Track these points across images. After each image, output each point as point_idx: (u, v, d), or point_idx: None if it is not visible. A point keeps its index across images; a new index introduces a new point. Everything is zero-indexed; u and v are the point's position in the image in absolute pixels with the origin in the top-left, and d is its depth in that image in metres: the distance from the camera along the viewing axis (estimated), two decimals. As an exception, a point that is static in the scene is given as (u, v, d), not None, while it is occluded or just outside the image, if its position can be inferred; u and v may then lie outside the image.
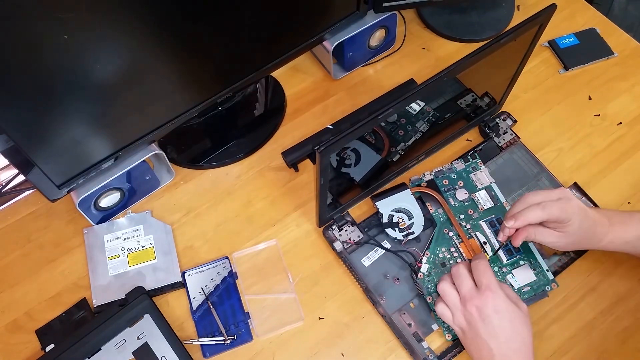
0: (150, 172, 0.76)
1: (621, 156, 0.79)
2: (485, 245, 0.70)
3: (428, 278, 0.68)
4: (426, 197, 0.74)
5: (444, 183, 0.74)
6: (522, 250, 0.69)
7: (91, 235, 0.74)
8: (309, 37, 0.78)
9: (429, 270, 0.69)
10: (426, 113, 0.79)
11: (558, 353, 0.66)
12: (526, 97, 0.85)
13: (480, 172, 0.74)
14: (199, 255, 0.73)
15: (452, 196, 0.73)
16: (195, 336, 0.68)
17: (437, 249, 0.70)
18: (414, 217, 0.72)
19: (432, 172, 0.75)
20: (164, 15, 0.59)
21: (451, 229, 0.71)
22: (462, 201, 0.73)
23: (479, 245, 0.70)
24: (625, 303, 0.68)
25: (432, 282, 0.68)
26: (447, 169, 0.75)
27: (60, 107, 0.58)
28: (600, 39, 0.90)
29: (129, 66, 0.61)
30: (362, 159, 0.76)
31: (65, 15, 0.51)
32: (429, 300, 0.67)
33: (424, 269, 0.69)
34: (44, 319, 0.69)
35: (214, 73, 0.73)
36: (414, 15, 0.94)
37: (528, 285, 0.68)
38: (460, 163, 0.76)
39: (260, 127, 0.84)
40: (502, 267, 0.69)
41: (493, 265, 0.68)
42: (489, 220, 0.71)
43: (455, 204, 0.73)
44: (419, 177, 0.75)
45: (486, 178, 0.74)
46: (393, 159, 0.76)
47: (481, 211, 0.72)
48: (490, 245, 0.70)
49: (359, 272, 0.70)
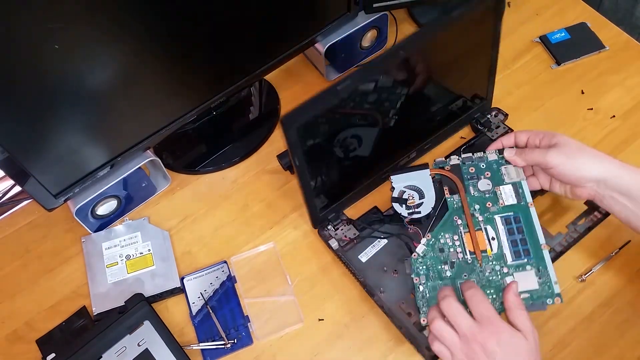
0: (147, 179, 0.77)
1: (615, 149, 0.80)
2: (492, 241, 0.67)
3: (422, 260, 0.66)
4: (446, 181, 0.71)
5: (470, 171, 0.71)
6: (532, 255, 0.66)
7: (89, 243, 0.74)
8: (301, 39, 0.78)
9: (424, 252, 0.67)
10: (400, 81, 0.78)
11: (557, 347, 0.66)
12: (519, 93, 0.85)
13: (513, 167, 0.71)
14: (197, 260, 0.74)
15: (474, 185, 0.70)
16: (196, 341, 0.68)
17: (440, 234, 0.68)
18: (425, 198, 0.70)
19: (460, 157, 0.72)
20: (156, 22, 0.60)
21: (462, 218, 0.69)
22: (483, 192, 0.70)
23: (485, 239, 0.67)
24: (624, 295, 0.68)
25: (424, 264, 0.66)
26: (478, 158, 0.72)
27: (54, 116, 0.59)
28: (591, 33, 0.90)
29: (122, 74, 0.61)
30: (362, 138, 0.74)
31: (55, 25, 0.51)
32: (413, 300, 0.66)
33: (419, 249, 0.66)
34: (44, 328, 0.69)
35: (207, 78, 0.73)
36: (405, 15, 0.94)
37: (527, 292, 0.64)
38: (493, 154, 0.72)
39: (255, 131, 0.84)
40: (504, 266, 0.66)
41: (495, 263, 0.66)
42: (505, 217, 0.68)
43: (475, 194, 0.70)
44: (443, 159, 0.73)
45: (517, 174, 0.70)
46: (390, 125, 0.74)
47: (501, 206, 0.69)
48: (499, 243, 0.67)
49: (356, 268, 0.70)
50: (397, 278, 0.69)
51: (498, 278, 0.66)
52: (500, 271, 0.66)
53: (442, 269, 0.66)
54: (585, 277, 0.69)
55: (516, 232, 0.67)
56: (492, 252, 0.67)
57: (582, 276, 0.70)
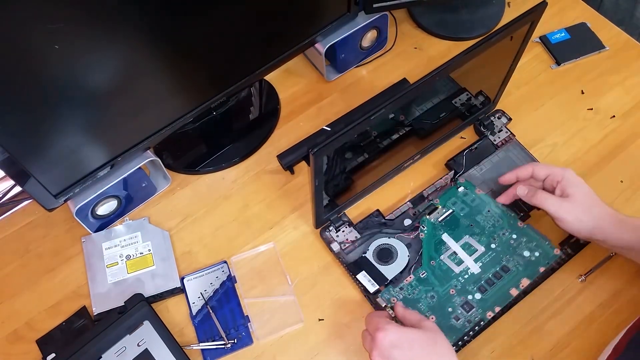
0: (147, 179, 0.77)
1: (615, 149, 0.80)
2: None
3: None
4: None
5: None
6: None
7: (89, 243, 0.74)
8: (301, 39, 0.78)
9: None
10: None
11: (557, 347, 0.66)
12: (519, 94, 0.85)
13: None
14: (197, 260, 0.74)
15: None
16: (196, 341, 0.68)
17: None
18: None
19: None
20: (155, 22, 0.60)
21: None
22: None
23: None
24: (624, 295, 0.68)
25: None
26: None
27: (54, 117, 0.59)
28: (591, 33, 0.90)
29: (122, 74, 0.61)
30: (372, 147, 0.77)
31: (55, 26, 0.51)
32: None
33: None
34: (44, 328, 0.69)
35: (207, 78, 0.73)
36: (405, 15, 0.95)
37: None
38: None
39: (255, 131, 0.84)
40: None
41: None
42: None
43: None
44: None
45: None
46: (400, 132, 0.77)
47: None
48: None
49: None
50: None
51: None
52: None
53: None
54: (585, 277, 0.69)
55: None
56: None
57: (582, 276, 0.70)
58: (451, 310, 0.67)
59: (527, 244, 0.70)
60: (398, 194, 0.77)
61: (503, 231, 0.71)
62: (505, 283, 0.68)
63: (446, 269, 0.69)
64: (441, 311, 0.67)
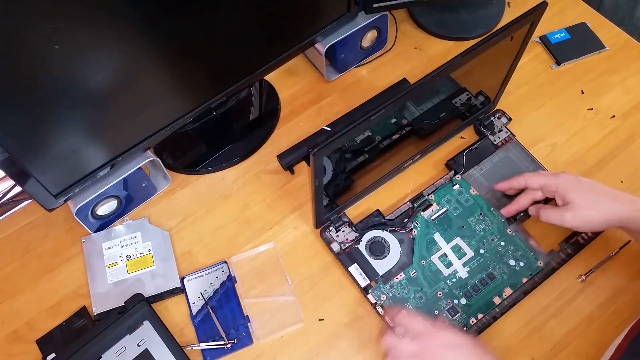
0: (147, 179, 0.77)
1: (615, 149, 0.80)
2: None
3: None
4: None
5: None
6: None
7: (89, 243, 0.74)
8: (301, 39, 0.78)
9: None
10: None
11: (557, 347, 0.66)
12: (519, 93, 0.85)
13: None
14: (197, 260, 0.74)
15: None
16: (196, 341, 0.68)
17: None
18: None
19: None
20: (155, 21, 0.60)
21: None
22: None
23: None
24: (624, 295, 0.68)
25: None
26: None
27: (54, 117, 0.59)
28: (591, 33, 0.90)
29: (122, 74, 0.61)
30: (372, 148, 0.77)
31: (55, 26, 0.51)
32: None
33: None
34: (44, 328, 0.69)
35: (207, 78, 0.73)
36: (405, 15, 0.95)
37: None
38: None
39: (255, 131, 0.84)
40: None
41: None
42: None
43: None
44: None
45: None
46: (400, 133, 0.76)
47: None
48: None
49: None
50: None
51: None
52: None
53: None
54: (585, 277, 0.69)
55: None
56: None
57: (582, 276, 0.69)
58: (437, 313, 0.67)
59: (513, 252, 0.70)
60: (398, 194, 0.77)
61: (492, 237, 0.71)
62: (490, 290, 0.68)
63: (435, 270, 0.69)
64: (428, 313, 0.67)
